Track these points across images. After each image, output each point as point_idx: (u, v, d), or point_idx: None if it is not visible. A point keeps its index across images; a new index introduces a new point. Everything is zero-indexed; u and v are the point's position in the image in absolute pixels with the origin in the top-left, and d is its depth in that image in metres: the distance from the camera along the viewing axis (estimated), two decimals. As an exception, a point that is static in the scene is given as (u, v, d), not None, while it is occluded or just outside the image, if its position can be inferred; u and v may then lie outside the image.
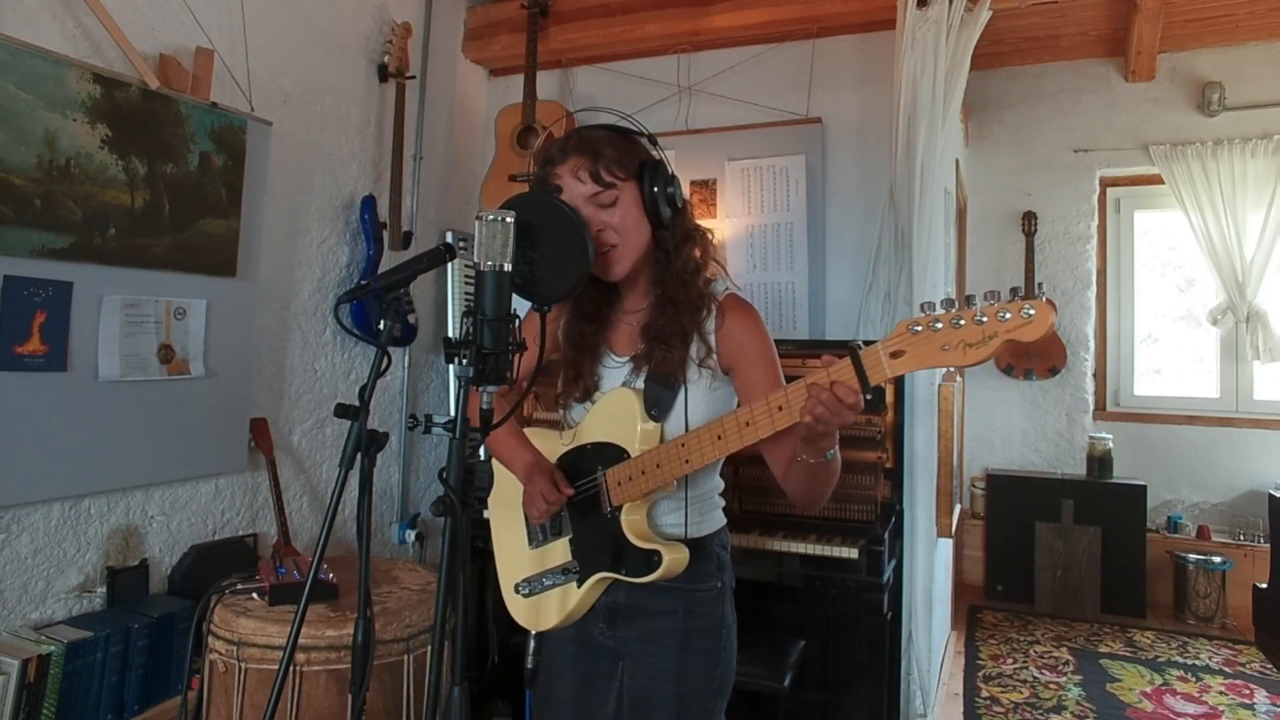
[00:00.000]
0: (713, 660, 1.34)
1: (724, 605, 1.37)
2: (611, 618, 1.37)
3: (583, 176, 1.26)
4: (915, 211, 2.53)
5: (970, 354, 0.93)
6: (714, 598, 1.35)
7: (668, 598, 1.33)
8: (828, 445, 1.15)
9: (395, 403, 3.03)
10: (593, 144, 1.27)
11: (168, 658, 1.98)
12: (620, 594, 1.35)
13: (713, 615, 1.35)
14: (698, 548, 1.34)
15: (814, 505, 1.27)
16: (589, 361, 1.37)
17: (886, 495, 2.31)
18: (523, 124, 3.08)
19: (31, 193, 1.81)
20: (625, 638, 1.36)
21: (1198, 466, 4.18)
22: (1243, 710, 2.93)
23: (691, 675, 1.32)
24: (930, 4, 2.56)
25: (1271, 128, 3.94)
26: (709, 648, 1.33)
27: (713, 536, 1.38)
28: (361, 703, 1.17)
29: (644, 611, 1.34)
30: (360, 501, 1.14)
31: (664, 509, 1.35)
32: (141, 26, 2.08)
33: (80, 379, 1.94)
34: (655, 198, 1.28)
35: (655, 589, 1.32)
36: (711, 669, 1.33)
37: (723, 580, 1.38)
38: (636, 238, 1.29)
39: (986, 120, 4.43)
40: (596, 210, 1.27)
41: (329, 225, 2.71)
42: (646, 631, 1.34)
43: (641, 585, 1.32)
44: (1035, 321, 0.90)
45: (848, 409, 1.05)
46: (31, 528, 1.89)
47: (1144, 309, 4.50)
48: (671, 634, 1.32)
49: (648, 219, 1.29)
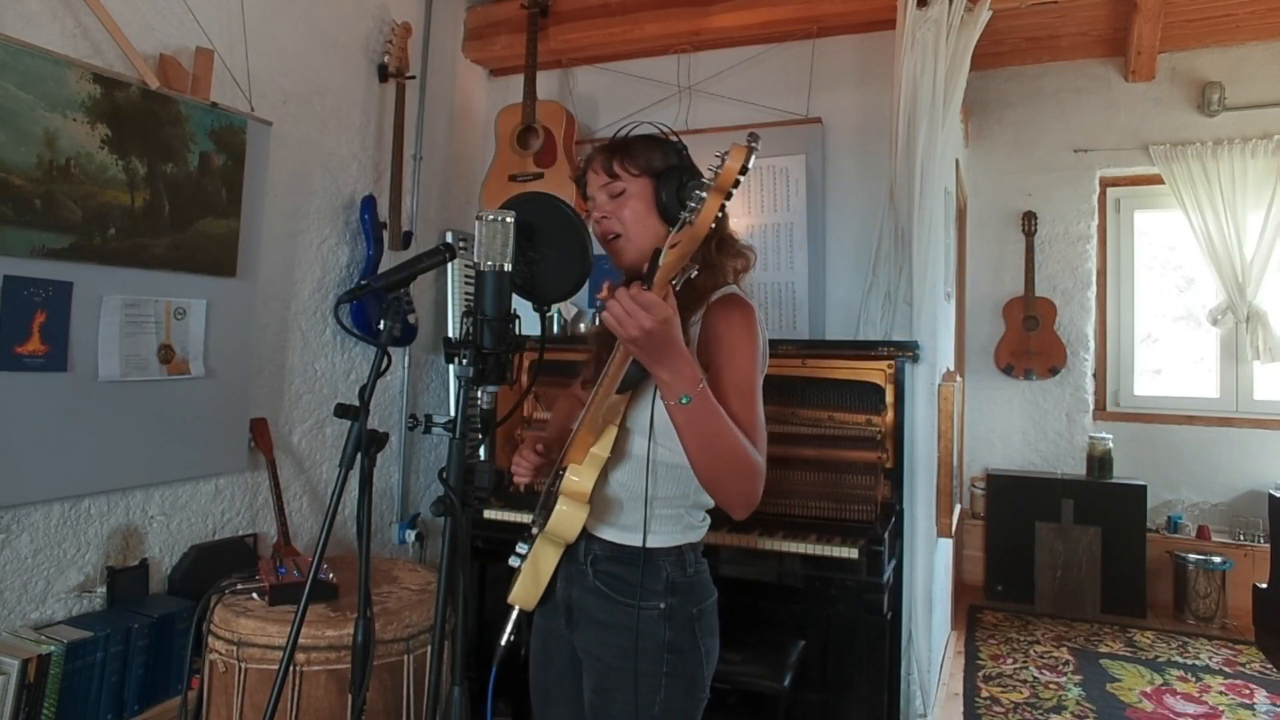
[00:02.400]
0: (651, 685, 1.26)
1: (667, 630, 1.28)
2: (569, 615, 1.36)
3: (597, 168, 1.36)
4: (915, 211, 2.53)
5: (697, 217, 1.05)
6: (653, 619, 1.27)
7: (607, 607, 1.30)
8: (662, 371, 1.13)
9: (395, 403, 3.03)
10: (619, 142, 1.37)
11: (168, 658, 1.98)
12: (575, 589, 1.34)
13: (652, 636, 1.27)
14: (645, 559, 1.28)
15: (720, 489, 1.21)
16: (609, 352, 1.39)
17: (886, 495, 2.31)
18: (523, 124, 3.08)
19: (31, 193, 1.81)
20: (579, 640, 1.35)
21: (1198, 466, 4.17)
22: (1243, 710, 2.93)
23: (623, 695, 1.26)
24: (930, 4, 2.56)
25: (1271, 128, 3.94)
26: (646, 670, 1.26)
27: (665, 552, 1.30)
28: (361, 703, 1.17)
29: (590, 617, 1.32)
30: (360, 501, 1.14)
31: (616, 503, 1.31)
32: (141, 26, 2.08)
33: (80, 379, 1.94)
34: (667, 201, 1.32)
35: (595, 593, 1.31)
36: (650, 694, 1.26)
37: (669, 603, 1.28)
38: (640, 231, 1.32)
39: (986, 120, 4.43)
40: (607, 199, 1.34)
41: (329, 225, 2.71)
42: (592, 638, 1.32)
43: (587, 586, 1.31)
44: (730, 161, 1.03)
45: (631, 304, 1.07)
46: (31, 528, 1.89)
47: (1144, 309, 4.50)
48: (607, 646, 1.29)
49: (660, 218, 1.33)
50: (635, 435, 1.29)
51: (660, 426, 1.24)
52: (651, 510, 1.29)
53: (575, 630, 1.35)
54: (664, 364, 1.13)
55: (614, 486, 1.31)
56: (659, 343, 1.10)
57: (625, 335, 1.09)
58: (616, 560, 1.31)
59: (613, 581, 1.30)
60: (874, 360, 2.35)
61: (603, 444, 1.27)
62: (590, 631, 1.32)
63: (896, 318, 2.58)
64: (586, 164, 1.40)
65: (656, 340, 1.09)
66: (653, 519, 1.30)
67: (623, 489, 1.31)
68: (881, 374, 2.35)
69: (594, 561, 1.32)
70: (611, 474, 1.30)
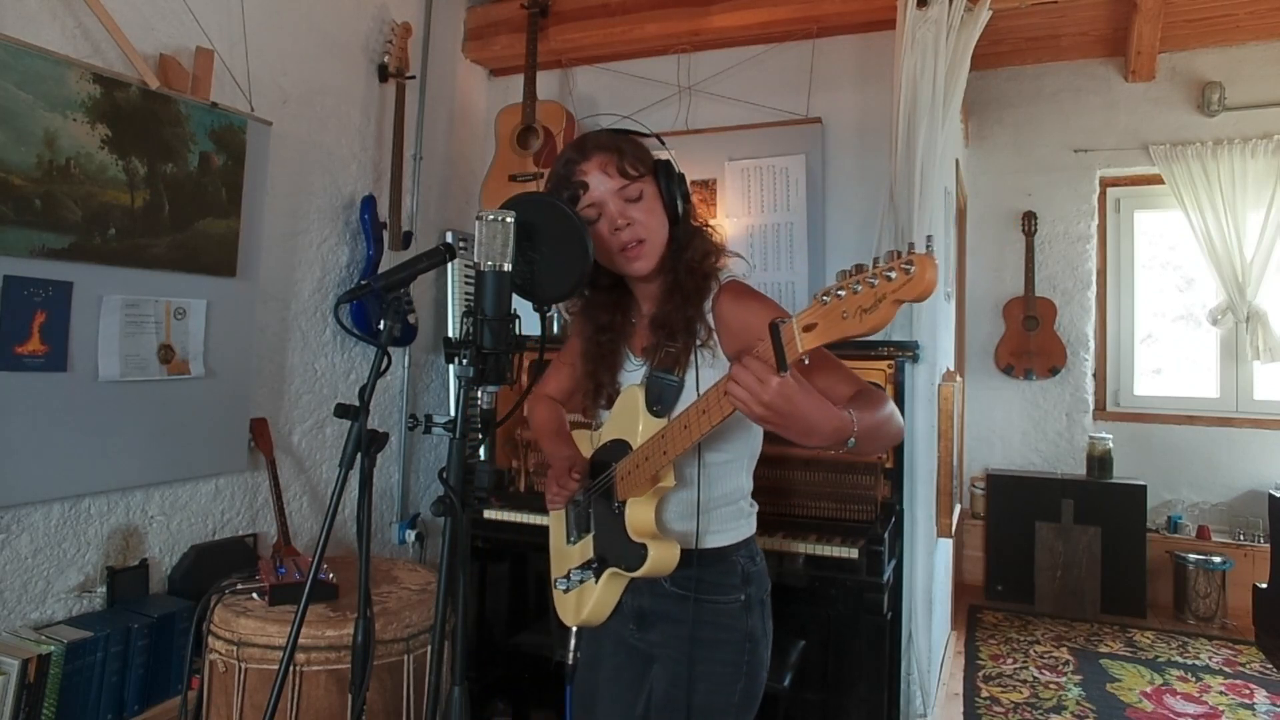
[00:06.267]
0: (732, 674, 1.31)
1: (749, 619, 1.33)
2: (640, 620, 1.37)
3: (610, 171, 1.27)
4: (915, 211, 2.53)
5: (866, 319, 0.89)
6: (735, 610, 1.32)
7: (685, 606, 1.31)
8: (814, 439, 1.05)
9: (395, 403, 3.03)
10: (613, 141, 1.30)
11: (168, 658, 1.98)
12: (645, 598, 1.36)
13: (734, 628, 1.32)
14: (717, 558, 1.32)
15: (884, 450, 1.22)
16: (608, 371, 1.38)
17: (886, 495, 2.31)
18: (523, 124, 3.08)
19: (31, 193, 1.81)
20: (653, 641, 1.36)
21: (1198, 466, 4.17)
22: (1243, 710, 2.93)
23: (708, 685, 1.30)
24: (930, 4, 2.56)
25: (1271, 128, 3.94)
26: (728, 660, 1.30)
27: (736, 547, 1.34)
28: (361, 703, 1.17)
29: (667, 617, 1.34)
30: (360, 501, 1.14)
31: (675, 513, 1.32)
32: (141, 26, 2.08)
33: (80, 379, 1.94)
34: (673, 194, 1.31)
35: (673, 596, 1.32)
36: (730, 683, 1.30)
37: (747, 593, 1.33)
38: (659, 234, 1.30)
39: (986, 120, 4.43)
40: (625, 205, 1.28)
41: (329, 225, 2.71)
42: (670, 637, 1.33)
43: (664, 591, 1.32)
44: (916, 276, 0.85)
45: (761, 388, 0.99)
46: (31, 528, 1.89)
47: (1144, 309, 4.50)
48: (696, 643, 1.31)
49: (666, 217, 1.32)
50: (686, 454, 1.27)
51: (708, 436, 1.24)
52: (711, 512, 1.32)
53: (647, 632, 1.36)
54: (812, 432, 1.04)
55: (674, 505, 1.32)
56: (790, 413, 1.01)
57: (753, 413, 1.01)
58: (689, 565, 1.31)
59: (689, 583, 1.31)
60: (874, 360, 2.35)
61: (669, 478, 1.27)
62: (668, 629, 1.33)
63: (896, 318, 2.58)
64: (574, 164, 1.29)
65: (784, 411, 1.00)
66: (714, 519, 1.33)
67: (682, 502, 1.32)
68: (881, 374, 2.34)
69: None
70: (670, 495, 1.31)
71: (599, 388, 1.38)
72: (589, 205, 1.29)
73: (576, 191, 1.29)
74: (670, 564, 1.28)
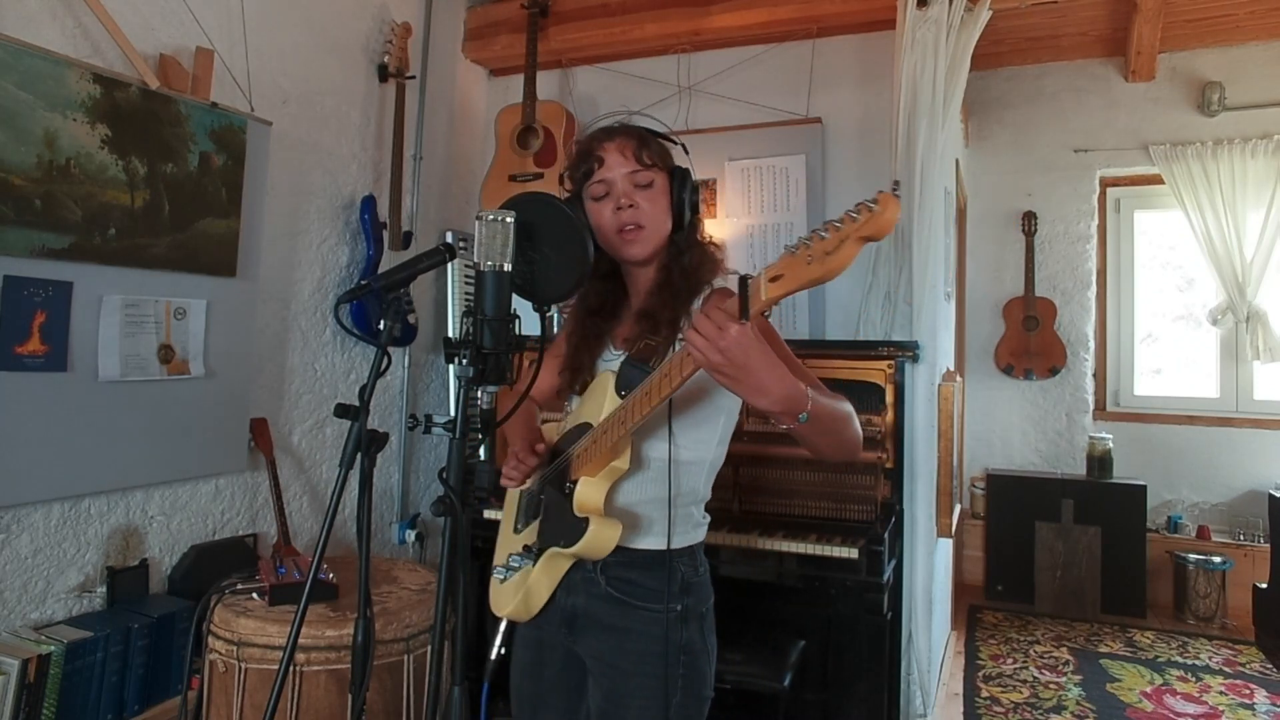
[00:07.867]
0: (667, 687, 1.25)
1: (685, 630, 1.27)
2: (571, 623, 1.32)
3: (627, 154, 1.30)
4: (915, 211, 2.53)
5: (828, 261, 0.90)
6: (670, 621, 1.26)
7: (618, 611, 1.27)
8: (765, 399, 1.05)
9: (395, 403, 3.03)
10: (639, 131, 1.34)
11: (168, 658, 1.99)
12: (579, 596, 1.31)
13: (667, 639, 1.26)
14: (657, 561, 1.27)
15: (840, 457, 1.22)
16: (588, 354, 1.37)
17: (886, 495, 2.31)
18: (523, 124, 3.08)
19: (31, 193, 1.81)
20: (585, 648, 1.31)
21: (1198, 466, 4.17)
22: (1243, 710, 2.93)
23: (642, 700, 1.24)
24: (930, 4, 2.56)
25: (1271, 128, 3.94)
26: (660, 674, 1.24)
27: (680, 553, 1.29)
28: (361, 703, 1.17)
29: (599, 623, 1.29)
30: (360, 501, 1.14)
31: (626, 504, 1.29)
32: (141, 26, 2.08)
33: (80, 379, 1.94)
34: (682, 199, 1.32)
35: (608, 600, 1.28)
36: (665, 697, 1.24)
37: (685, 604, 1.28)
38: (659, 226, 1.31)
39: (986, 120, 4.43)
40: (633, 189, 1.30)
41: (329, 225, 2.71)
42: (603, 645, 1.29)
43: (599, 592, 1.28)
44: (879, 213, 0.87)
45: (719, 334, 0.99)
46: (31, 528, 1.89)
47: (1144, 309, 4.50)
48: (622, 652, 1.26)
49: (670, 216, 1.33)
50: (651, 439, 1.27)
51: (678, 426, 1.23)
52: (674, 512, 1.28)
53: (580, 638, 1.32)
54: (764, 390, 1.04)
55: (627, 493, 1.29)
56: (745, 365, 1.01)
57: (708, 362, 1.01)
58: (631, 566, 1.28)
59: (628, 587, 1.28)
60: (874, 360, 2.35)
61: (624, 456, 1.24)
62: (600, 638, 1.29)
63: (896, 318, 2.58)
64: (597, 142, 1.32)
65: (739, 363, 1.00)
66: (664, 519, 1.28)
67: (638, 494, 1.29)
68: (881, 374, 2.35)
69: (605, 569, 1.29)
70: (623, 482, 1.27)
71: (578, 369, 1.36)
72: (599, 181, 1.31)
73: (592, 165, 1.31)
74: (608, 544, 1.23)
